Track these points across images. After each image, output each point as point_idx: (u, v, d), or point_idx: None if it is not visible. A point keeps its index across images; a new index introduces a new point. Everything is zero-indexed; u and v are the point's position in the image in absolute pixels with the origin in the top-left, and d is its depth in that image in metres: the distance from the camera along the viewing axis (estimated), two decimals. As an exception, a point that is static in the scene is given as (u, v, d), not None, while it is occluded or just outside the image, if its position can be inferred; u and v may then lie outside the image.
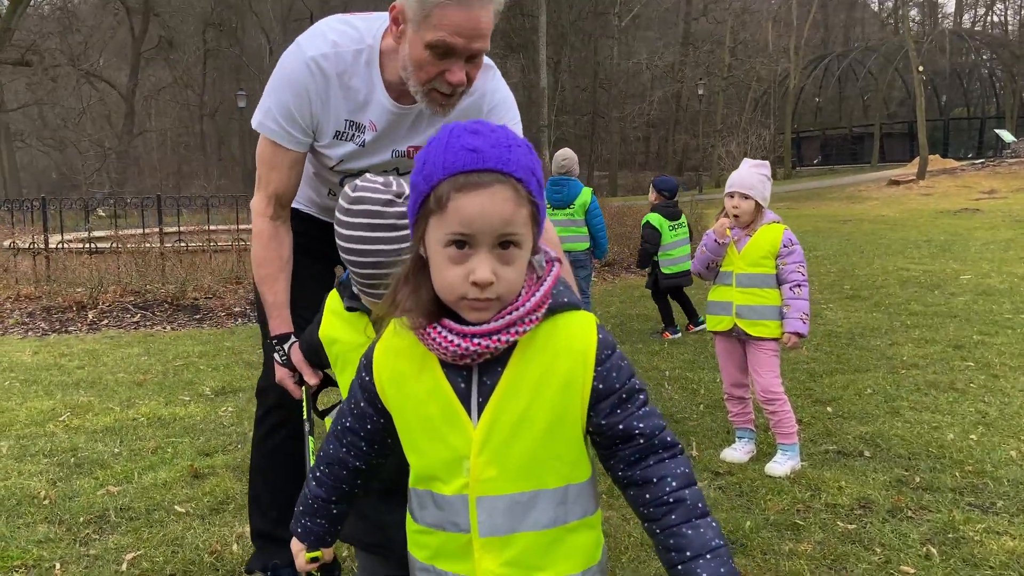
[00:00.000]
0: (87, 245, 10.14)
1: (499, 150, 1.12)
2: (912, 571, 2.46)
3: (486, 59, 1.99)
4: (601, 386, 1.19)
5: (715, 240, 3.53)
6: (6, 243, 10.45)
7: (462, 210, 1.10)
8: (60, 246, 9.98)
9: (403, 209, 1.55)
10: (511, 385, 1.18)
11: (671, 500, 1.17)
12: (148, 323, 7.61)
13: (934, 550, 2.56)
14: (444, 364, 1.20)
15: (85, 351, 6.22)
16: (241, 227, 10.70)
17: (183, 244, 9.85)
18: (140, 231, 10.99)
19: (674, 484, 1.18)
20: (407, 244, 1.50)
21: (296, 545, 1.41)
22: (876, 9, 57.74)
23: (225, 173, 43.69)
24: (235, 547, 2.71)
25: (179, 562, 2.63)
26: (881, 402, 4.22)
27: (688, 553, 1.13)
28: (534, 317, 1.16)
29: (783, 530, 2.78)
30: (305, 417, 1.95)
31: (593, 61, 45.20)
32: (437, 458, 1.22)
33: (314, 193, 2.28)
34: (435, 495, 1.23)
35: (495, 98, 2.07)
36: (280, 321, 2.03)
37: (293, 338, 1.99)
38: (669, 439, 1.21)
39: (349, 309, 1.66)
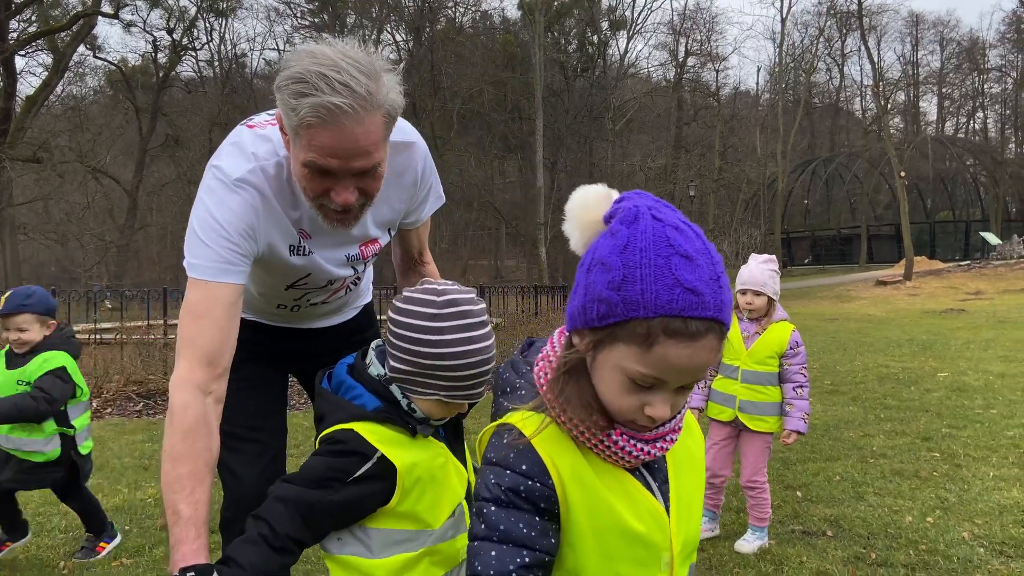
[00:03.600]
0: (93, 336, 10.44)
1: (714, 289, 1.00)
2: (859, 634, 2.70)
3: (408, 132, 1.86)
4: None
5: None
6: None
7: (669, 359, 1.00)
8: (66, 336, 10.28)
9: (483, 304, 1.57)
10: (678, 467, 1.17)
11: None
12: (151, 411, 7.84)
13: (881, 616, 2.81)
14: None
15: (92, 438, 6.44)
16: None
17: (186, 335, 10.15)
18: (144, 323, 11.31)
19: None
20: (493, 339, 1.55)
21: None
22: (860, 116, 59.75)
23: (224, 267, 44.25)
24: (243, 610, 2.94)
25: (191, 624, 2.86)
26: (848, 488, 4.48)
27: None
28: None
29: (748, 600, 3.01)
30: None
31: (588, 162, 46.58)
32: (631, 558, 1.10)
33: (265, 306, 2.05)
34: None
35: (430, 179, 1.99)
36: (198, 547, 1.44)
37: (215, 571, 1.41)
38: None
39: (428, 435, 1.61)
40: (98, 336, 10.39)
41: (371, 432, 1.52)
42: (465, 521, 1.66)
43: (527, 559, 1.05)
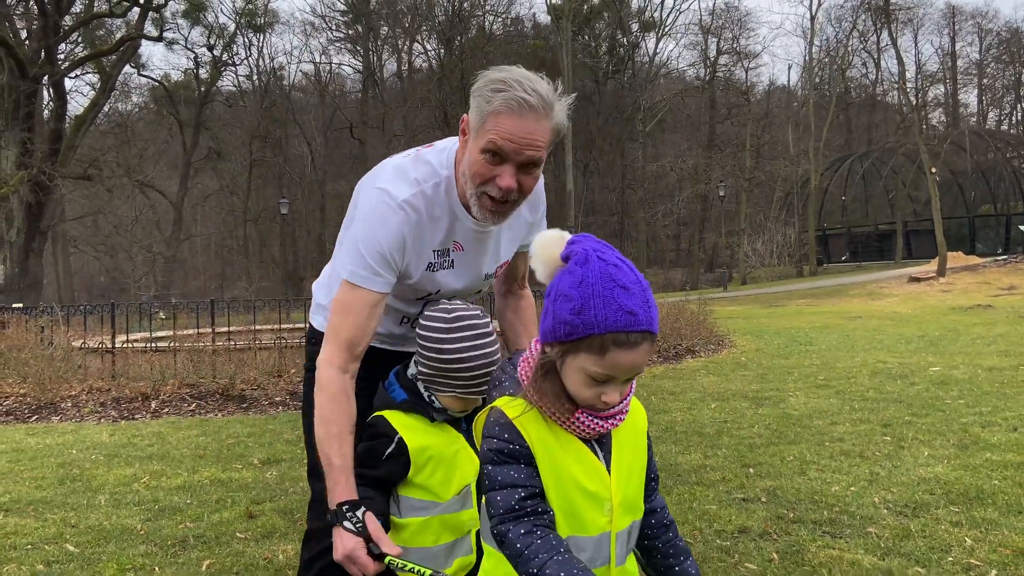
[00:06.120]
0: (149, 345, 11.44)
1: (647, 310, 1.39)
2: (755, 568, 3.44)
3: None
4: (651, 435, 1.65)
5: None
6: (77, 343, 11.80)
7: (616, 362, 1.37)
8: (125, 345, 11.30)
9: (488, 319, 1.91)
10: (620, 440, 1.55)
11: (667, 522, 1.65)
12: (203, 411, 8.76)
13: (776, 556, 3.54)
14: None
15: (152, 433, 7.36)
16: (283, 326, 11.94)
17: (232, 343, 11.12)
18: (195, 331, 12.31)
19: (667, 512, 1.66)
20: (497, 345, 1.95)
21: None
22: (897, 111, 59.26)
23: (266, 275, 45.69)
24: (281, 556, 3.78)
25: (241, 566, 3.70)
26: (795, 465, 5.17)
27: (682, 558, 1.61)
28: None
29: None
30: None
31: (620, 164, 47.07)
32: (582, 506, 1.46)
33: (388, 323, 2.25)
34: (579, 539, 1.47)
35: (544, 203, 2.26)
36: (347, 487, 1.89)
37: (363, 505, 1.87)
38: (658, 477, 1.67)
39: (446, 421, 1.99)
40: (154, 344, 11.38)
41: (394, 417, 1.97)
42: (472, 499, 2.02)
43: (522, 493, 1.45)
